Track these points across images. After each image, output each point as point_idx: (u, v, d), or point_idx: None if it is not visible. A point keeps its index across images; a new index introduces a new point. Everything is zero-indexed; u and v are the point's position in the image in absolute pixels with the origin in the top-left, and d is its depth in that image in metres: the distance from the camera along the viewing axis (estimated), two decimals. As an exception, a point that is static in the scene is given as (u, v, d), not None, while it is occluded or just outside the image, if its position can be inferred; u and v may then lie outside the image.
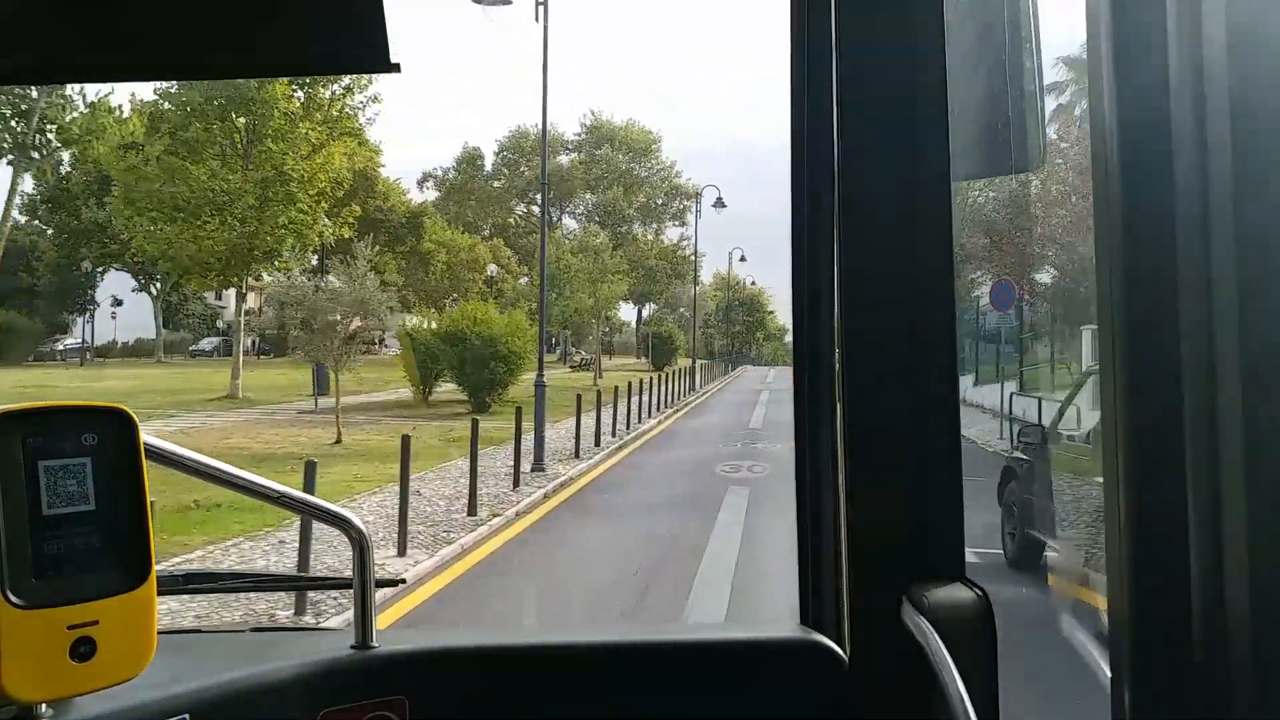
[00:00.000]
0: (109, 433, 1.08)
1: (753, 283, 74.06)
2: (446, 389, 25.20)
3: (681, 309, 61.93)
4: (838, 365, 1.35)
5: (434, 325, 25.60)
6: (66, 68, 1.30)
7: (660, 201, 61.64)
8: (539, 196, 65.06)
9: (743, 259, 63.04)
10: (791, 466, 1.59)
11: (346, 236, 28.76)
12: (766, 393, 37.05)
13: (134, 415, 1.10)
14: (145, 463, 1.11)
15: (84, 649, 1.03)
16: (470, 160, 59.92)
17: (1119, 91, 0.69)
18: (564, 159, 60.66)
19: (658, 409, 25.59)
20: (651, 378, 27.59)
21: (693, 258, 61.90)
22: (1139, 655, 0.69)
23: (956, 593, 1.18)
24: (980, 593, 1.18)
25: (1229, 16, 0.62)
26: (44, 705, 1.05)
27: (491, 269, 40.55)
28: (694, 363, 39.87)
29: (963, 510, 1.25)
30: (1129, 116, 0.69)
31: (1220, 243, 0.62)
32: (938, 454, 1.25)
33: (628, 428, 20.85)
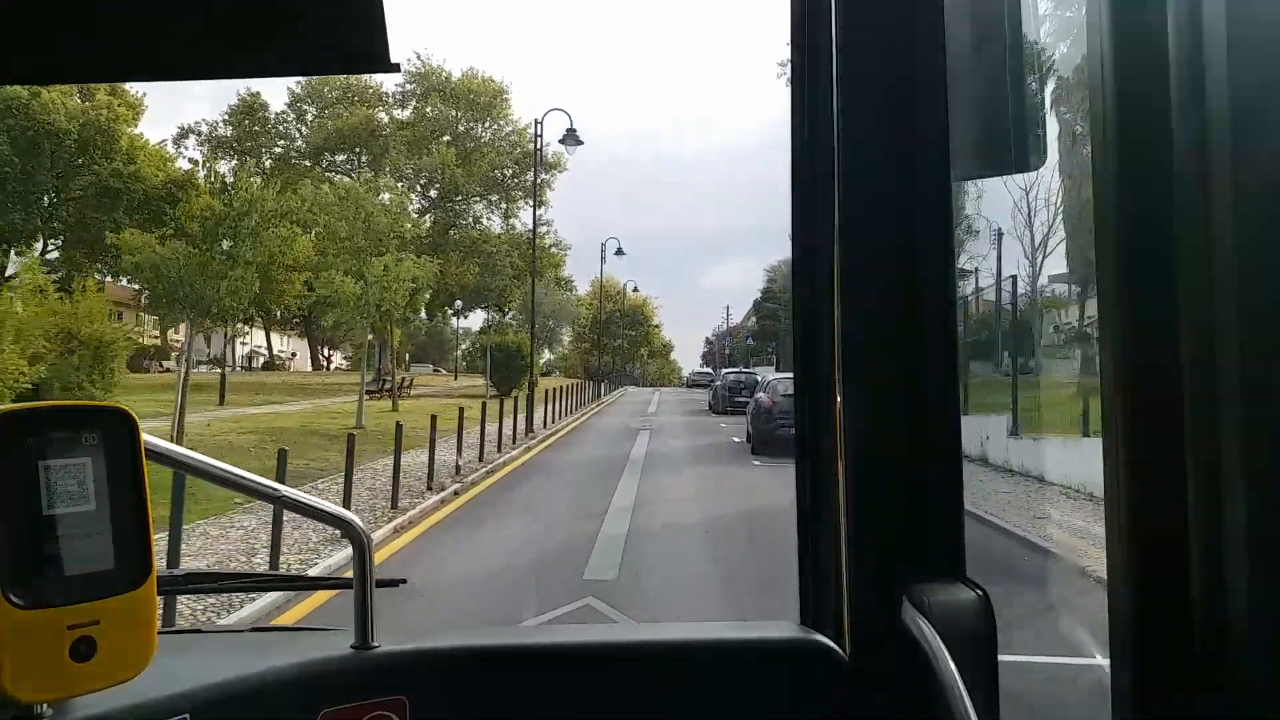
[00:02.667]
0: (110, 432, 1.07)
1: (635, 289, 63.64)
2: None
3: (546, 318, 48.08)
4: (837, 364, 1.35)
5: None
6: (65, 68, 1.31)
7: (509, 172, 46.97)
8: (344, 159, 50.13)
9: (619, 252, 49.35)
10: None
11: None
12: (647, 436, 23.50)
13: (135, 415, 1.10)
14: (146, 463, 1.11)
15: (84, 649, 1.03)
16: (248, 111, 44.03)
17: (1119, 90, 0.70)
18: (383, 115, 45.67)
19: (409, 496, 11.47)
20: (475, 410, 18.26)
21: (553, 249, 48.03)
22: (1139, 652, 0.70)
23: (956, 592, 1.19)
24: (980, 592, 1.19)
25: (1229, 15, 0.63)
26: (44, 705, 1.06)
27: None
28: (532, 390, 25.41)
29: (963, 510, 1.26)
30: (1129, 116, 0.70)
31: (1220, 242, 0.64)
32: (938, 453, 1.27)
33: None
